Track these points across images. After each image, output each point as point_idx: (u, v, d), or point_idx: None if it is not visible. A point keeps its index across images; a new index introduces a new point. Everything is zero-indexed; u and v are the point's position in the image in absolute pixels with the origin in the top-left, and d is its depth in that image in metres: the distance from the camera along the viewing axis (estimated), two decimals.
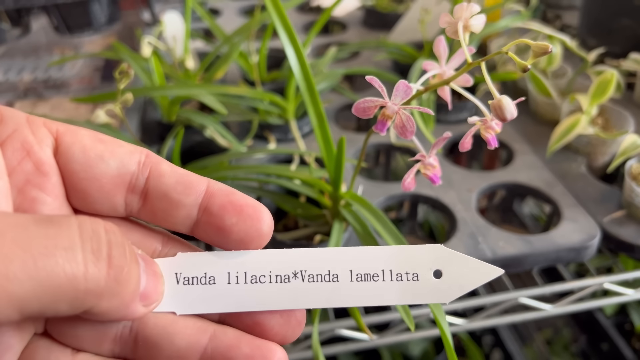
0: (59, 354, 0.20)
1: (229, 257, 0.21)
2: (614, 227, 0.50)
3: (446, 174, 0.56)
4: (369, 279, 0.21)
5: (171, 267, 0.21)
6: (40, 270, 0.15)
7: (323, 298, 0.21)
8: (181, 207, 0.20)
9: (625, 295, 0.54)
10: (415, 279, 0.21)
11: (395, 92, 0.30)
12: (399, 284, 0.21)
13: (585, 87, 0.63)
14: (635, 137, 0.52)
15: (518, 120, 0.65)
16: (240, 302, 0.20)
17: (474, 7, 0.31)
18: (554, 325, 1.27)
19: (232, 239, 0.20)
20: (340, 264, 0.21)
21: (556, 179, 0.55)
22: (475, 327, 0.50)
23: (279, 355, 0.20)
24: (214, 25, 0.67)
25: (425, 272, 0.21)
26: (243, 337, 0.21)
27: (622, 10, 0.71)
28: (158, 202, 0.20)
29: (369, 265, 0.21)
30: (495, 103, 0.27)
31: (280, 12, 0.40)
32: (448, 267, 0.21)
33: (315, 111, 0.41)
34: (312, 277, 0.21)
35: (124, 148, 0.20)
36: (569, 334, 1.19)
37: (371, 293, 0.21)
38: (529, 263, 0.47)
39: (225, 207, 0.20)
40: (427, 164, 0.32)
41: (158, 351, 0.20)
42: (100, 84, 0.81)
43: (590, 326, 1.06)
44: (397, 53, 0.71)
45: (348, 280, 0.21)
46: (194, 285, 0.20)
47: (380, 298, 0.21)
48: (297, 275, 0.21)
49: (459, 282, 0.21)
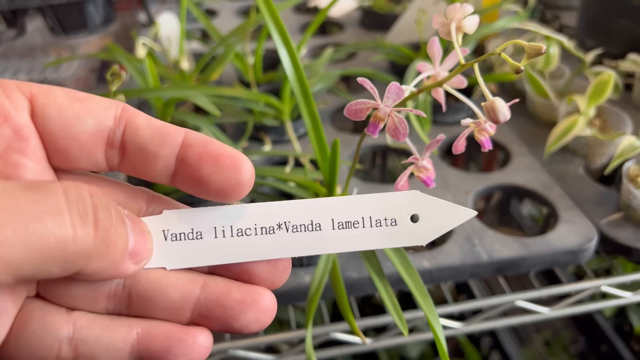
0: (54, 314, 0.20)
1: (214, 212, 0.21)
2: (611, 229, 0.49)
3: (443, 176, 0.55)
4: (350, 227, 0.22)
5: (158, 225, 0.21)
6: (32, 235, 0.16)
7: (307, 246, 0.22)
8: (159, 159, 0.20)
9: (623, 298, 0.54)
10: (393, 224, 0.22)
11: (387, 94, 0.29)
12: (378, 229, 0.22)
13: (583, 88, 0.63)
14: (633, 138, 0.52)
15: (515, 122, 0.65)
16: (227, 254, 0.21)
17: (467, 7, 0.30)
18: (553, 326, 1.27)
19: (211, 189, 0.20)
20: (323, 213, 0.22)
21: (553, 181, 0.55)
22: (472, 330, 0.50)
23: (267, 298, 0.21)
24: (209, 26, 0.67)
25: (403, 217, 0.22)
26: (233, 284, 0.21)
27: (621, 11, 0.71)
28: (136, 155, 0.20)
29: (349, 214, 0.22)
30: (488, 105, 0.27)
31: (274, 14, 0.40)
32: (424, 211, 0.22)
33: (309, 113, 0.41)
34: (296, 228, 0.22)
35: (100, 104, 0.20)
36: (568, 335, 1.19)
37: (352, 240, 0.22)
38: (525, 266, 0.47)
39: (201, 157, 0.20)
40: (420, 166, 0.32)
41: (152, 304, 0.21)
42: (97, 85, 0.80)
43: (589, 328, 1.06)
44: (394, 54, 0.70)
45: (330, 228, 0.22)
46: (181, 241, 0.21)
47: (361, 244, 0.22)
48: (281, 226, 0.22)
49: (436, 224, 0.22)
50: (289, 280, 0.43)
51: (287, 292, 0.43)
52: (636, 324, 1.01)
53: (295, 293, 0.43)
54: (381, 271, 0.36)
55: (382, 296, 0.34)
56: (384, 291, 0.34)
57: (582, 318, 1.09)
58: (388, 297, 0.34)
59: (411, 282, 0.34)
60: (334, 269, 0.39)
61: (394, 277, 0.42)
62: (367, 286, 0.44)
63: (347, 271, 0.44)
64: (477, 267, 0.45)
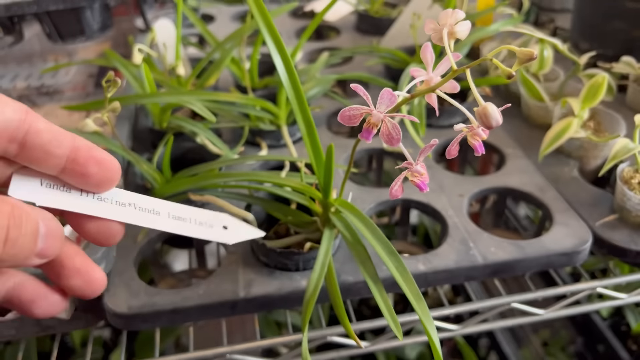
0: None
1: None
2: (606, 231, 0.50)
3: (438, 179, 0.55)
4: (179, 219, 0.32)
5: (38, 175, 0.27)
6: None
7: (146, 220, 0.30)
8: (53, 157, 0.26)
9: (618, 299, 0.54)
10: (210, 227, 0.34)
11: (380, 100, 0.30)
12: (198, 227, 0.33)
13: (577, 90, 0.63)
14: (626, 140, 0.52)
15: (510, 124, 0.65)
16: (86, 208, 0.28)
17: (459, 13, 0.31)
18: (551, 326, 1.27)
19: (91, 182, 0.28)
20: (162, 207, 0.31)
21: (548, 183, 0.55)
22: (469, 332, 0.50)
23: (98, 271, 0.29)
24: (205, 31, 0.67)
25: (217, 225, 0.34)
26: (80, 255, 0.29)
27: (614, 13, 0.71)
28: (35, 152, 0.26)
29: (181, 213, 0.32)
30: (480, 110, 0.27)
31: (268, 21, 0.40)
32: (232, 226, 0.35)
33: (304, 119, 0.41)
34: (142, 209, 0.30)
35: (10, 106, 0.25)
36: (566, 335, 1.19)
37: (178, 226, 0.32)
38: (520, 268, 0.47)
39: (89, 159, 0.27)
40: (414, 171, 0.32)
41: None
42: (95, 91, 0.81)
43: (586, 328, 1.06)
44: (389, 58, 0.71)
45: (166, 216, 0.31)
46: (53, 189, 0.27)
47: (184, 230, 0.32)
48: (131, 204, 0.30)
49: (239, 234, 0.35)
50: (285, 285, 0.43)
51: (284, 296, 0.43)
52: (633, 324, 1.01)
53: (292, 297, 0.43)
54: (376, 275, 0.36)
55: (377, 300, 0.35)
56: (378, 295, 0.34)
57: (579, 318, 1.09)
58: (383, 301, 0.34)
59: (406, 286, 0.35)
60: (329, 273, 0.39)
61: (389, 280, 0.43)
62: (362, 290, 0.45)
63: (343, 275, 0.44)
64: (472, 270, 0.46)
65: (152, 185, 0.50)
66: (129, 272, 0.45)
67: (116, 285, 0.43)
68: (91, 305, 0.45)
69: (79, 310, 0.45)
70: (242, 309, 0.43)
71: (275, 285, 0.43)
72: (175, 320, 0.42)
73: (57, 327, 0.45)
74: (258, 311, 0.44)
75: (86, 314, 0.45)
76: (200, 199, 0.47)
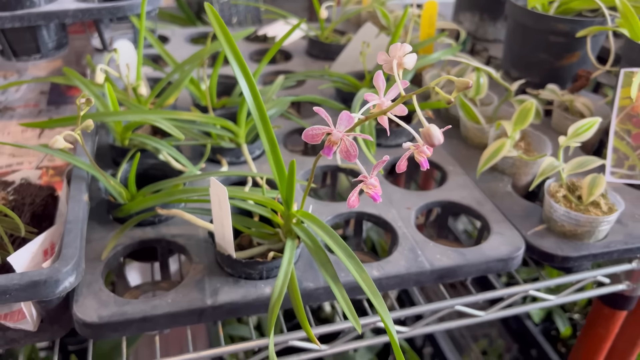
0: None
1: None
2: (536, 239, 0.56)
3: (387, 194, 0.60)
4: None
5: None
6: None
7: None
8: None
9: (549, 300, 0.60)
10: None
11: (340, 121, 0.34)
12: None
13: (510, 114, 0.70)
14: (552, 159, 0.59)
15: (450, 144, 0.71)
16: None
17: (406, 47, 0.35)
18: (489, 336, 1.35)
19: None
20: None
21: (485, 197, 0.61)
22: (416, 334, 0.55)
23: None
24: (165, 53, 0.70)
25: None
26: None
27: (540, 45, 0.79)
28: None
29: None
30: (424, 131, 0.32)
31: (234, 47, 0.44)
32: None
33: (267, 136, 0.45)
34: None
35: None
36: (503, 344, 1.27)
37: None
38: (462, 273, 0.52)
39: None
40: (369, 184, 0.36)
41: None
42: (47, 108, 0.81)
43: (521, 334, 1.14)
44: (340, 82, 0.76)
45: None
46: None
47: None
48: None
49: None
50: (250, 292, 0.46)
51: (249, 303, 0.46)
52: (562, 328, 1.10)
53: (257, 304, 0.46)
54: (336, 276, 0.40)
55: (337, 296, 0.38)
56: (338, 293, 0.38)
57: (514, 326, 1.17)
58: (342, 297, 0.38)
59: (365, 285, 0.39)
60: (292, 280, 0.43)
61: (347, 286, 0.47)
62: (322, 296, 0.48)
63: (304, 282, 0.48)
64: (420, 274, 0.50)
65: (117, 201, 0.52)
66: (97, 284, 0.46)
67: (85, 296, 0.45)
68: (57, 316, 0.46)
69: (45, 322, 0.46)
70: (210, 316, 0.45)
71: (240, 293, 0.46)
72: (145, 329, 0.44)
73: (22, 340, 0.46)
74: (225, 318, 0.46)
75: (52, 326, 0.46)
76: (168, 213, 0.49)
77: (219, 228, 0.45)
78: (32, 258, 0.44)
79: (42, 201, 0.53)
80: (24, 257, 0.43)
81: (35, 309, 0.45)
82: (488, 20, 1.03)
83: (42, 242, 0.45)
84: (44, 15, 0.68)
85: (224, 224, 0.44)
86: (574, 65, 0.79)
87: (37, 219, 0.52)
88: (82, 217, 0.47)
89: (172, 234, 0.52)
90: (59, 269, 0.41)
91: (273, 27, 1.00)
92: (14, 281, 0.39)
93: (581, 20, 0.74)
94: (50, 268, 0.41)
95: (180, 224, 0.53)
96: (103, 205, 0.55)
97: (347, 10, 1.01)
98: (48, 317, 0.45)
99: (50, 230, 0.47)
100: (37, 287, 0.40)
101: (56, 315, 0.46)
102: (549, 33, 0.77)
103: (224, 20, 0.43)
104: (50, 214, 0.53)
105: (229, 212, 0.43)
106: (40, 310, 0.45)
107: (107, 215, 0.54)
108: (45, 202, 0.53)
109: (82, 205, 0.48)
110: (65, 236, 0.44)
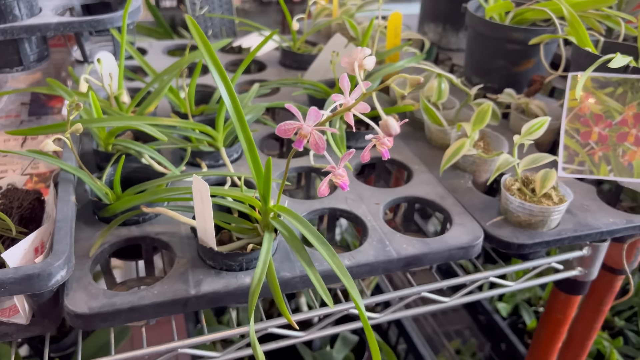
0: None
1: None
2: (494, 229, 0.60)
3: (358, 191, 0.65)
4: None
5: None
6: None
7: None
8: None
9: (508, 286, 0.65)
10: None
11: (309, 116, 0.38)
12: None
13: (470, 116, 0.75)
14: (507, 155, 0.64)
15: (415, 145, 0.76)
16: None
17: (366, 50, 0.40)
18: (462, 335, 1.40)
19: None
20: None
21: (448, 192, 0.66)
22: (385, 320, 0.59)
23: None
24: (145, 63, 0.73)
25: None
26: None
27: (498, 53, 0.85)
28: None
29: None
30: (382, 122, 0.36)
31: (213, 56, 0.48)
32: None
33: (245, 138, 0.49)
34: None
35: None
36: (475, 343, 1.32)
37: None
38: (427, 261, 0.56)
39: None
40: (337, 174, 0.41)
41: None
42: (29, 118, 0.83)
43: (491, 330, 1.19)
44: (312, 89, 0.80)
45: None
46: None
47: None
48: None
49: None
50: (231, 282, 0.50)
51: (231, 292, 0.49)
52: (528, 321, 1.15)
53: (238, 292, 0.49)
54: (310, 261, 0.44)
55: (310, 277, 0.42)
56: (312, 274, 0.42)
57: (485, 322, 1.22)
58: (315, 278, 0.42)
59: (338, 270, 0.43)
60: (270, 270, 0.46)
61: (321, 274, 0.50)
62: (298, 284, 0.52)
63: (282, 272, 0.51)
64: (388, 262, 0.54)
65: (103, 201, 0.55)
66: (86, 279, 0.49)
67: (75, 290, 0.48)
68: (48, 311, 0.49)
69: (37, 317, 0.49)
70: (194, 306, 0.48)
71: (222, 283, 0.49)
72: (133, 318, 0.47)
73: (14, 334, 0.49)
74: (208, 307, 0.49)
75: (43, 319, 0.49)
76: (152, 210, 0.52)
77: (201, 222, 0.49)
78: (24, 255, 0.47)
79: (29, 204, 0.56)
80: (17, 254, 0.46)
81: (27, 303, 0.47)
82: (451, 31, 1.09)
83: (33, 240, 0.48)
84: (27, 29, 0.71)
85: (205, 218, 0.48)
86: (529, 71, 0.85)
87: (25, 222, 0.55)
88: (70, 216, 0.50)
89: (155, 232, 0.55)
90: (51, 263, 0.44)
91: (248, 39, 1.04)
92: (9, 275, 0.42)
93: (535, 29, 0.80)
94: (43, 262, 0.44)
95: (164, 223, 0.57)
96: (89, 207, 0.58)
97: (318, 23, 1.06)
98: (40, 311, 0.48)
99: (40, 229, 0.50)
100: (31, 280, 0.43)
101: (47, 310, 0.49)
102: (506, 41, 0.83)
103: None
104: (38, 216, 0.56)
105: (211, 207, 0.46)
106: (32, 304, 0.48)
107: (94, 216, 0.57)
108: (32, 206, 0.56)
109: (70, 205, 0.51)
110: (55, 233, 0.47)
